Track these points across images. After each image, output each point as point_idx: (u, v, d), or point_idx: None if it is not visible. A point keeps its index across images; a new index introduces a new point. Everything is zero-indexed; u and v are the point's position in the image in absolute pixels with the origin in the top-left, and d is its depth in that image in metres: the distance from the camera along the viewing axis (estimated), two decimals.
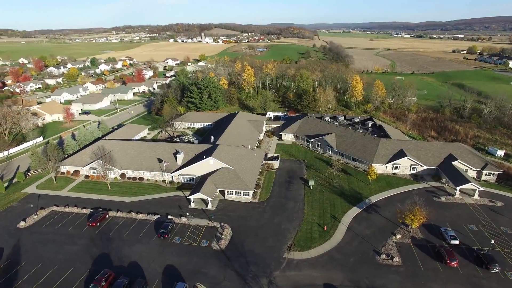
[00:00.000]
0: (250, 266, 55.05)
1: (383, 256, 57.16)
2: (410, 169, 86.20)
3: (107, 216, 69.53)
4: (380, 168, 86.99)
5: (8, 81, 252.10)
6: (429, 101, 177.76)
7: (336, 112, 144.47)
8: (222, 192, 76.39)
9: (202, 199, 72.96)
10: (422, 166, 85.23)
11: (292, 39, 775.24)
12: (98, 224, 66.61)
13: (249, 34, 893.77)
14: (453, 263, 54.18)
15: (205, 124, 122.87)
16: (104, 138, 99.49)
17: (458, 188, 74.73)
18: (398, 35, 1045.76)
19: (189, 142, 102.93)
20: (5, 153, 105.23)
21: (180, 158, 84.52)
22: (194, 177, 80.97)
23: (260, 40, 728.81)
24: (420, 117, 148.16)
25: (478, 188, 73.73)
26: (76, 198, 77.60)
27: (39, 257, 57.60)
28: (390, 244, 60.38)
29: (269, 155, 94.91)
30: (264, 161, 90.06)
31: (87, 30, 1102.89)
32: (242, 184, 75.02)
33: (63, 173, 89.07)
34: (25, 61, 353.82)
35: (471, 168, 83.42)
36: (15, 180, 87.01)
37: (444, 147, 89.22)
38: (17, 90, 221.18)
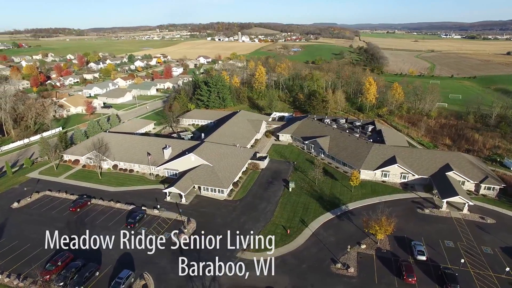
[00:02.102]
0: (199, 262, 55.87)
1: (339, 265, 55.01)
2: (400, 177, 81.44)
3: (89, 203, 74.16)
4: (368, 175, 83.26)
5: (53, 76, 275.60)
6: (463, 107, 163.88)
7: (346, 115, 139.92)
8: (200, 188, 77.93)
9: (179, 194, 74.95)
10: (413, 175, 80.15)
11: (331, 39, 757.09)
12: (78, 209, 71.37)
13: (288, 33, 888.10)
14: (410, 279, 50.73)
15: (209, 122, 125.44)
16: (105, 130, 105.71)
17: (444, 200, 69.39)
18: (447, 36, 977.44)
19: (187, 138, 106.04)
20: (26, 140, 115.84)
21: (167, 153, 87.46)
22: (177, 171, 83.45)
23: (297, 40, 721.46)
24: (439, 123, 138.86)
25: (468, 202, 67.82)
26: (69, 184, 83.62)
27: (18, 235, 63.24)
28: (352, 254, 57.88)
29: (258, 155, 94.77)
30: (250, 161, 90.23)
31: (133, 28, 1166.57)
32: (218, 181, 75.99)
33: (65, 161, 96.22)
34: (72, 57, 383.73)
35: (468, 180, 76.86)
36: (24, 165, 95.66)
37: (442, 156, 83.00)
38: (58, 84, 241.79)
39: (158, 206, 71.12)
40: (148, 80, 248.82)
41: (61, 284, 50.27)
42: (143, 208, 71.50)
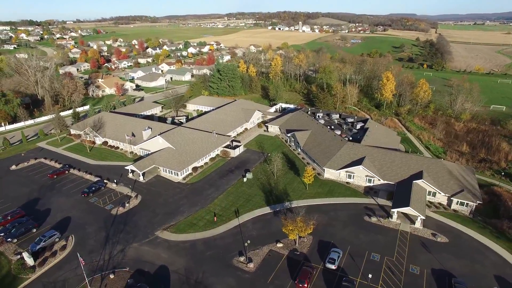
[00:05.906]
0: (121, 233, 60.42)
1: (242, 258, 54.47)
2: (366, 181, 75.14)
3: (67, 172, 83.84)
4: (332, 174, 78.52)
5: (113, 59, 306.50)
6: None
7: (356, 112, 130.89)
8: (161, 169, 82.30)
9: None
10: (379, 180, 73.28)
11: (400, 31, 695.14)
12: (55, 176, 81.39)
13: (355, 24, 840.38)
14: (300, 285, 48.15)
15: (210, 108, 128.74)
16: (110, 110, 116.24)
17: (394, 210, 62.66)
18: None
19: (179, 122, 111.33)
20: (54, 115, 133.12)
21: (146, 134, 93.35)
22: (149, 152, 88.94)
23: (361, 31, 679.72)
24: (466, 127, 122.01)
25: (419, 216, 60.23)
26: (62, 155, 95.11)
27: None
28: (263, 250, 56.57)
29: (234, 144, 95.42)
30: (223, 148, 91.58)
31: (204, 16, 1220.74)
32: (175, 164, 79.34)
33: (71, 134, 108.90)
34: (135, 43, 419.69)
35: (439, 192, 67.73)
36: (39, 136, 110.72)
37: (419, 161, 73.91)
38: (112, 67, 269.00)
39: (115, 181, 77.44)
40: (192, 66, 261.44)
41: (2, 235, 59.18)
42: (105, 181, 78.54)
